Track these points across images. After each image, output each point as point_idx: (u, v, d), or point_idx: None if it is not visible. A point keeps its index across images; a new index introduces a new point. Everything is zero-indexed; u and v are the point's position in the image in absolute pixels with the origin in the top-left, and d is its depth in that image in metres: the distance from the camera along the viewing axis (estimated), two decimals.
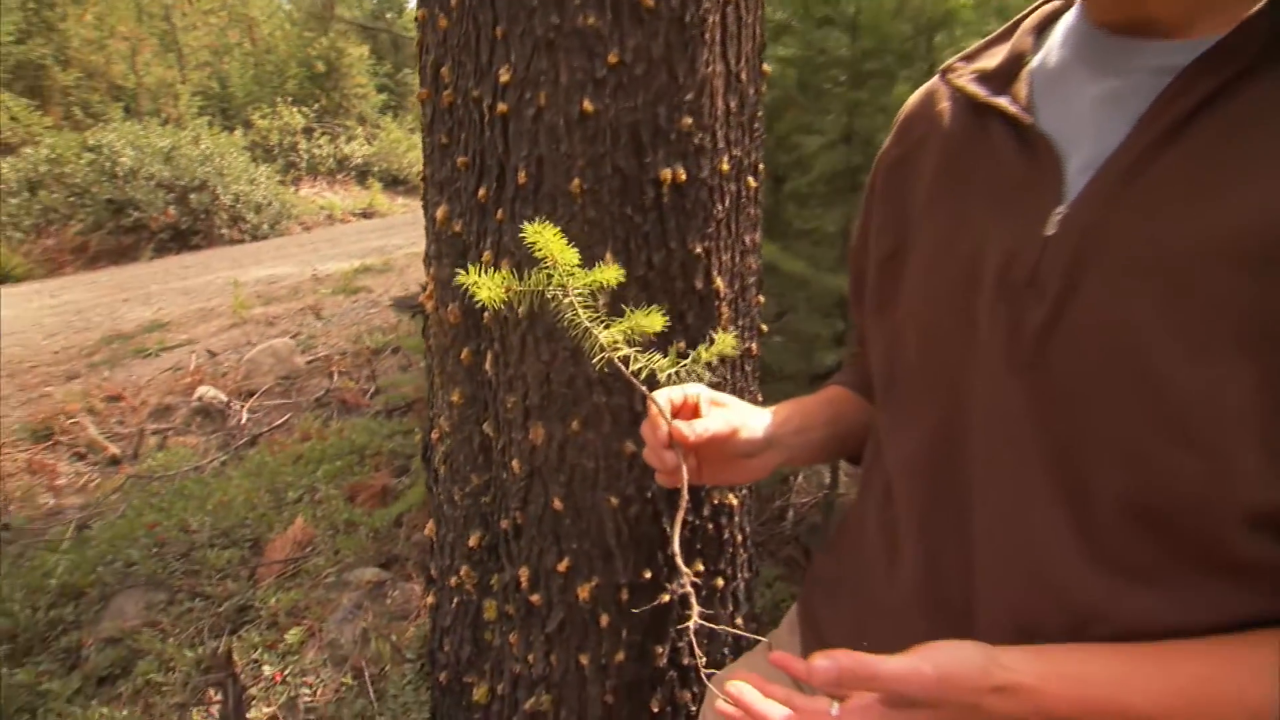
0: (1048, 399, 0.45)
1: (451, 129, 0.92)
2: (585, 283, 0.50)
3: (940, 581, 0.51)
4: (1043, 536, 0.45)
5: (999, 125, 0.51)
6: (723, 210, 0.93)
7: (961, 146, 0.54)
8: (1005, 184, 0.50)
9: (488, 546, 1.03)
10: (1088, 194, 0.45)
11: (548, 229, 0.51)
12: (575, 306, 0.49)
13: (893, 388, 0.57)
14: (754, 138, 0.99)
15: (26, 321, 4.99)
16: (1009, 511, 0.47)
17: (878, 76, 1.67)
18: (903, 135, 0.60)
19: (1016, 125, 0.50)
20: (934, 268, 0.54)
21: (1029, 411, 0.46)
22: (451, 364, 1.00)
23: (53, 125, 10.28)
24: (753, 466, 0.63)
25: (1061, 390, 0.44)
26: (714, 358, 0.57)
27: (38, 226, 8.05)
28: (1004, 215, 0.49)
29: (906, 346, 0.55)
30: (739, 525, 1.11)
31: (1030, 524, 0.46)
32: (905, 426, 0.55)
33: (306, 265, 6.04)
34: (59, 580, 1.70)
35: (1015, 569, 0.46)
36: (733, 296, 0.99)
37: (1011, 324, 0.47)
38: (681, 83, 0.85)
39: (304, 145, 11.59)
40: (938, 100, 0.58)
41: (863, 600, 0.58)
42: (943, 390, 0.52)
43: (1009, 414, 0.46)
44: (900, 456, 0.55)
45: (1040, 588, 0.45)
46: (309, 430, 2.57)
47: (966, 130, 0.54)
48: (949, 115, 0.56)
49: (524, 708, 1.03)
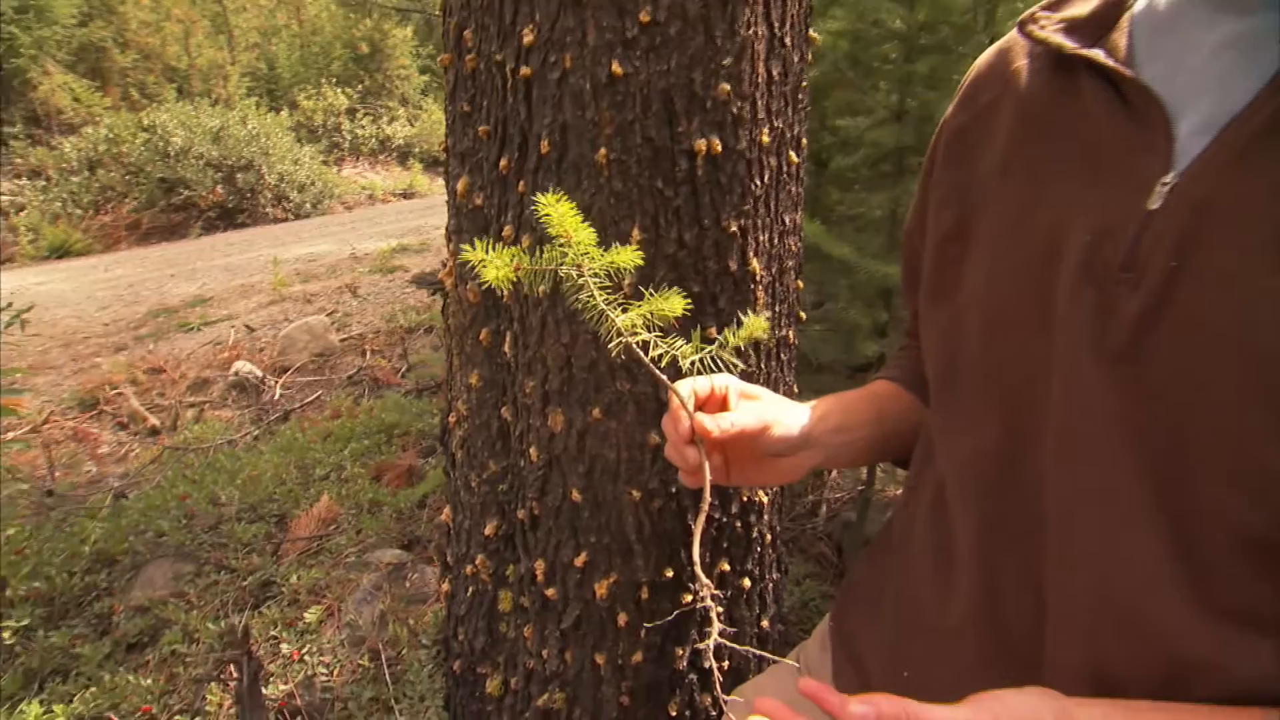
0: (1145, 400, 0.38)
1: (474, 96, 0.87)
2: (602, 263, 0.44)
3: (1000, 609, 0.44)
4: (1136, 568, 0.38)
5: (1092, 82, 0.43)
6: (761, 186, 0.86)
7: (1043, 108, 0.46)
8: (1097, 150, 0.42)
9: (504, 536, 0.99)
10: (1205, 161, 0.37)
11: (563, 203, 0.46)
12: (591, 288, 0.44)
13: (950, 384, 0.50)
14: (797, 109, 0.92)
15: (82, 294, 5.17)
16: (1093, 535, 0.39)
17: (933, 51, 1.56)
18: (970, 98, 0.52)
19: (1114, 81, 0.42)
20: (1004, 247, 0.46)
21: (1121, 415, 0.38)
22: (470, 345, 0.96)
23: (111, 106, 10.62)
24: (785, 467, 0.57)
25: (1162, 391, 0.37)
26: (743, 343, 0.50)
27: (96, 203, 8.36)
28: (1095, 185, 0.42)
29: (968, 337, 0.48)
30: (768, 523, 1.05)
31: (1120, 552, 0.38)
32: (964, 429, 0.48)
33: (346, 244, 6.13)
34: (94, 547, 1.74)
35: (1098, 605, 0.39)
36: (769, 280, 0.92)
37: (1101, 311, 0.39)
38: (720, 45, 0.78)
39: (347, 126, 11.76)
40: (1014, 57, 0.50)
41: (906, 622, 0.52)
42: (1010, 388, 0.44)
43: (1094, 417, 0.39)
44: (957, 462, 0.48)
45: (1130, 631, 0.38)
46: (340, 407, 2.59)
47: (1050, 89, 0.46)
48: (1028, 73, 0.48)
49: (537, 704, 0.99)
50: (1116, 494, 0.38)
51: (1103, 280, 0.39)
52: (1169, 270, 0.37)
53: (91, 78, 11.13)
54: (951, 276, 0.50)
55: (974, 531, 0.46)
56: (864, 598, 0.59)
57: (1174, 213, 0.37)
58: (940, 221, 0.52)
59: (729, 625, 1.01)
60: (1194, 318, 0.36)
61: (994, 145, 0.49)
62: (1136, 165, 0.40)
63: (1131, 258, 0.38)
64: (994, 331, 0.46)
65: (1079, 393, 0.40)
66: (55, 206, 8.14)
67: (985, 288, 0.47)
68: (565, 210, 0.43)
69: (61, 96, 10.22)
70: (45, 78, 10.08)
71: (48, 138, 9.58)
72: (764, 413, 0.53)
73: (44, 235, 7.74)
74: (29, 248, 7.63)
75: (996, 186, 0.48)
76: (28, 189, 8.51)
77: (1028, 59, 0.48)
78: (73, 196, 8.25)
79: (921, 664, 0.48)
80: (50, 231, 7.76)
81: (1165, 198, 0.38)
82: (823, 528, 2.11)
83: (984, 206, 0.48)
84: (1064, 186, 0.43)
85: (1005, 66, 0.50)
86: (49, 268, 6.83)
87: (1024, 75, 0.48)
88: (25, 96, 10.01)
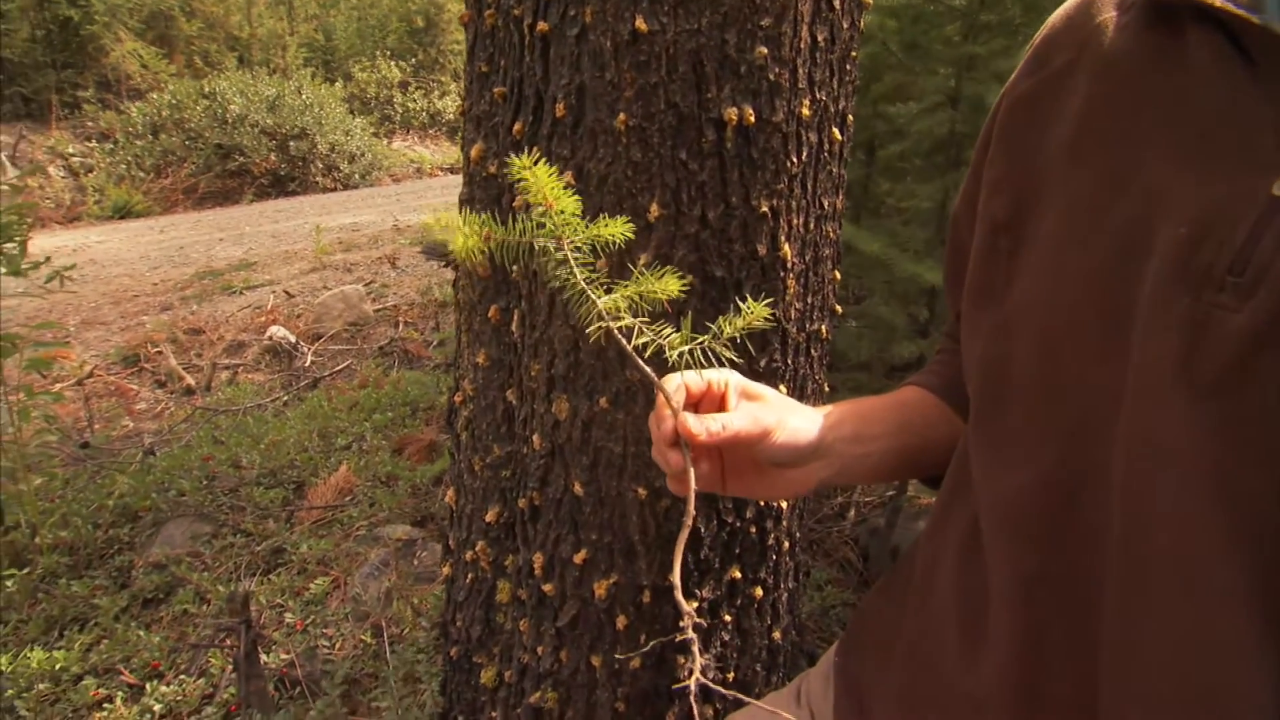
0: (1243, 445, 0.30)
1: (492, 55, 0.81)
2: (586, 236, 0.37)
3: (1044, 678, 0.37)
4: (1224, 646, 0.30)
5: (1201, 34, 0.35)
6: (798, 164, 0.78)
7: (1133, 71, 0.37)
8: (1206, 121, 0.34)
9: (505, 524, 0.95)
10: None
11: (541, 166, 0.39)
12: (572, 264, 0.37)
13: (996, 407, 0.42)
14: (844, 81, 0.83)
15: (136, 254, 5.35)
16: (1170, 602, 0.32)
17: (995, 30, 1.43)
18: (1041, 60, 0.43)
19: (1234, 31, 0.33)
20: (1072, 241, 0.38)
21: (1212, 458, 0.30)
22: (479, 322, 0.91)
23: (176, 73, 10.94)
24: (791, 479, 0.49)
25: (1267, 434, 0.29)
26: (739, 333, 0.43)
27: (157, 166, 8.65)
28: (1198, 167, 0.33)
29: (1020, 353, 0.40)
30: (786, 530, 0.98)
31: (1204, 624, 0.31)
32: (1009, 460, 0.40)
33: (390, 216, 6.19)
34: (119, 502, 1.77)
35: (1174, 685, 0.32)
36: (803, 268, 0.84)
37: (1196, 326, 0.31)
38: (758, 3, 0.70)
39: (399, 99, 11.89)
40: (1098, 9, 0.41)
41: (921, 677, 0.44)
42: (1072, 419, 0.36)
43: (1178, 459, 0.31)
44: (999, 499, 0.40)
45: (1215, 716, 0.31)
46: (368, 377, 2.59)
47: (1144, 47, 0.37)
48: (1115, 28, 0.39)
49: (529, 700, 0.95)
50: (1203, 554, 0.31)
51: (1202, 286, 0.31)
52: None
53: (159, 45, 11.48)
54: (1002, 275, 0.41)
55: (1014, 583, 0.38)
56: (875, 639, 0.51)
57: None
58: (992, 208, 0.43)
59: (737, 636, 0.94)
60: None
61: (1066, 118, 0.40)
62: (1259, 140, 0.31)
63: (1243, 259, 0.30)
64: (1054, 349, 0.38)
65: (1158, 431, 0.32)
66: (121, 169, 8.45)
67: (1046, 294, 0.38)
68: (543, 174, 0.37)
69: (131, 62, 10.56)
70: (117, 44, 10.43)
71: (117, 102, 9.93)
72: (764, 416, 0.46)
73: (109, 195, 8.05)
74: (94, 207, 7.96)
75: (1065, 168, 0.39)
76: (96, 151, 8.85)
77: (1116, 10, 0.40)
78: (137, 160, 8.55)
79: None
80: (115, 192, 8.07)
81: None
82: (850, 532, 2.02)
83: (1049, 192, 0.40)
84: (1156, 169, 0.35)
85: (1088, 21, 0.41)
86: (111, 227, 7.10)
87: (1110, 31, 0.39)
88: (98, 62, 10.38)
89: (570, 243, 0.38)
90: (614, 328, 0.39)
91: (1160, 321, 0.32)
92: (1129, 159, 0.36)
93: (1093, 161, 0.38)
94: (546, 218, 0.38)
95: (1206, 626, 0.30)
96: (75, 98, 9.67)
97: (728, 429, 0.44)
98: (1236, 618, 0.30)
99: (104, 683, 1.34)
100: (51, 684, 1.32)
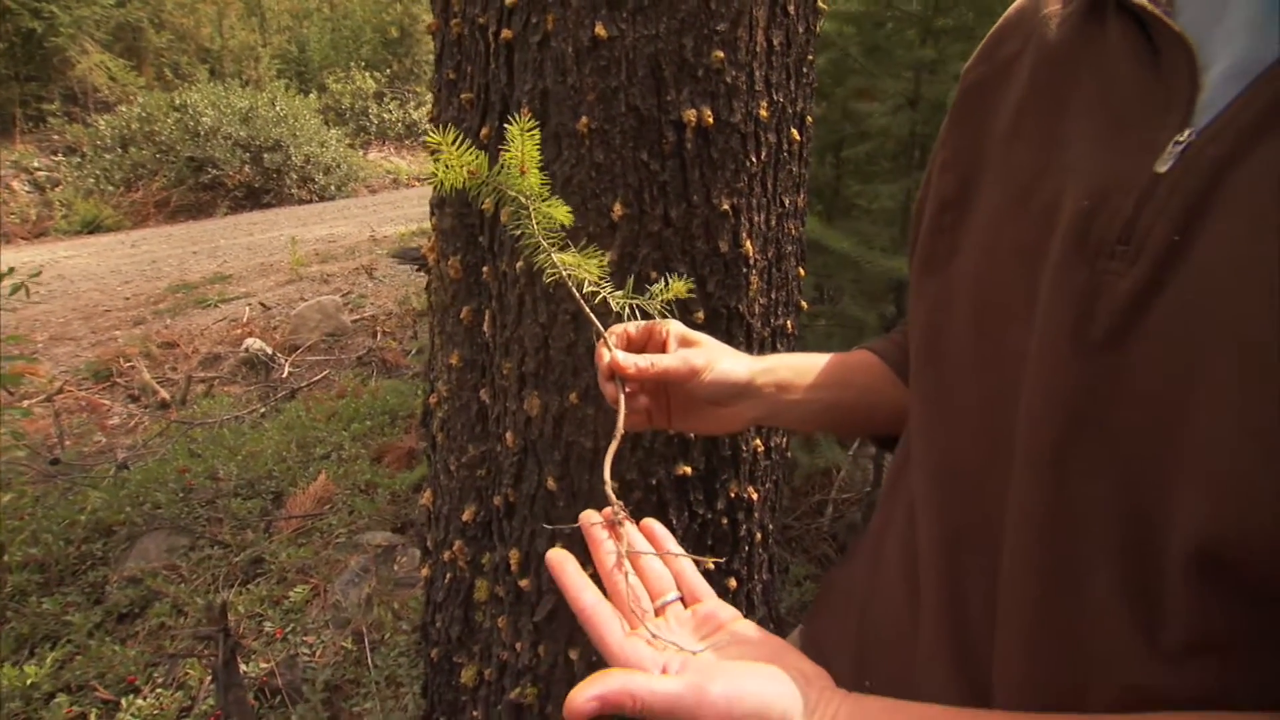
0: (1119, 397, 0.32)
1: (459, 63, 0.83)
2: (543, 210, 0.41)
3: (965, 631, 0.39)
4: (1084, 589, 0.33)
5: (1121, 26, 0.38)
6: (757, 163, 0.81)
7: (1068, 57, 0.40)
8: (1113, 105, 0.37)
9: (481, 523, 0.96)
10: (1228, 117, 0.32)
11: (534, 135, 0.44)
12: (533, 216, 0.41)
13: (931, 369, 0.44)
14: (801, 83, 0.86)
15: (107, 269, 5.27)
16: (1046, 549, 0.34)
17: (951, 35, 1.49)
18: (991, 51, 0.46)
19: (1145, 23, 0.36)
20: (1003, 216, 0.41)
21: (1090, 412, 0.33)
22: (451, 323, 0.92)
23: (146, 85, 10.80)
24: (724, 416, 0.54)
25: (1140, 386, 0.32)
26: (661, 302, 0.50)
27: (128, 180, 8.51)
28: (1106, 146, 0.36)
29: (954, 318, 0.43)
30: (759, 522, 1.00)
31: (1070, 570, 0.33)
32: (940, 428, 0.43)
33: (366, 227, 6.16)
34: (92, 517, 1.75)
35: (1046, 633, 0.34)
36: (765, 264, 0.87)
37: (1088, 291, 0.34)
38: (714, 9, 0.73)
39: (374, 110, 11.84)
40: (1045, 3, 0.44)
41: (875, 629, 0.47)
42: (992, 383, 0.39)
43: (1064, 417, 0.34)
44: (931, 458, 0.43)
45: (1078, 656, 0.33)
46: (346, 387, 2.58)
47: (1078, 36, 0.40)
48: (1057, 21, 0.42)
49: (509, 697, 0.96)
50: (1076, 501, 0.33)
51: (1096, 255, 0.34)
52: (1170, 245, 0.31)
53: (128, 57, 11.32)
54: (945, 246, 0.44)
55: (940, 546, 0.41)
56: (837, 602, 0.54)
57: (1184, 176, 0.32)
58: (942, 186, 0.46)
59: None
60: (1190, 304, 0.30)
61: (1009, 103, 0.43)
62: (1152, 122, 0.34)
63: (1129, 229, 0.33)
64: (983, 318, 0.40)
65: (1051, 388, 0.35)
66: (89, 182, 8.31)
67: (979, 266, 0.41)
68: (530, 144, 0.41)
69: (98, 75, 10.41)
70: (83, 56, 10.28)
71: (84, 115, 9.78)
72: (694, 358, 0.50)
73: (77, 210, 7.90)
74: (62, 222, 7.80)
75: (1004, 149, 0.42)
76: (63, 165, 8.70)
77: (1061, 3, 0.43)
78: (105, 173, 8.41)
79: (886, 678, 0.43)
80: (83, 206, 7.92)
81: (1177, 158, 0.32)
82: (828, 528, 2.05)
83: (989, 171, 0.43)
84: (1076, 149, 0.38)
85: (1035, 13, 0.44)
86: (80, 242, 6.97)
87: (1052, 23, 0.42)
88: (64, 74, 10.21)
89: (534, 208, 0.42)
90: (566, 279, 0.43)
91: (1060, 288, 0.35)
92: (1056, 140, 0.39)
93: (1027, 143, 0.41)
94: (515, 180, 0.42)
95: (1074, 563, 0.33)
96: (40, 111, 9.50)
97: (655, 366, 0.49)
98: (1100, 547, 0.33)
99: (78, 699, 1.32)
100: (22, 703, 1.30)
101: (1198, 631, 0.30)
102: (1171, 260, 0.31)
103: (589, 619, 0.35)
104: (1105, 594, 0.32)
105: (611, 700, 0.30)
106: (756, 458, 0.95)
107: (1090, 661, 0.33)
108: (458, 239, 0.88)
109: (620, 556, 0.39)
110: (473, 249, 0.87)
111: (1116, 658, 0.32)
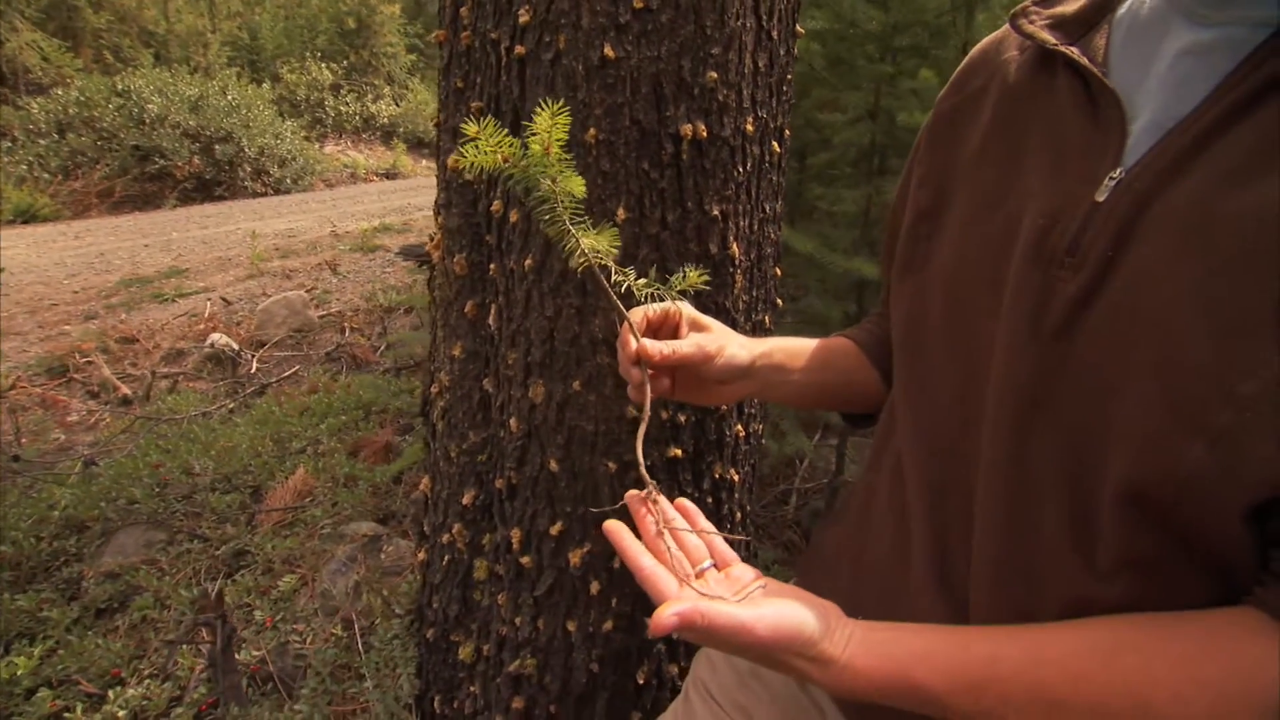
0: (1066, 376, 0.41)
1: (468, 73, 0.89)
2: (564, 188, 0.47)
3: (948, 564, 0.48)
4: (1038, 525, 0.42)
5: (1067, 77, 0.47)
6: (744, 173, 0.89)
7: (1022, 99, 0.50)
8: (1062, 143, 0.46)
9: (481, 506, 1.02)
10: (1148, 160, 0.41)
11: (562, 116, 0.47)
12: (562, 204, 0.47)
13: (915, 349, 0.54)
14: (782, 100, 0.95)
15: (50, 261, 5.04)
16: (1009, 495, 0.44)
17: (908, 52, 1.60)
18: (961, 84, 0.56)
19: (1085, 78, 0.45)
20: (972, 227, 0.50)
21: (1044, 388, 0.42)
22: (455, 317, 0.98)
23: (83, 68, 10.29)
24: (725, 392, 0.62)
25: (1083, 368, 0.41)
26: (688, 288, 0.57)
27: (65, 168, 8.10)
28: (1055, 176, 0.45)
29: (932, 306, 0.52)
30: (738, 502, 1.09)
31: (1027, 510, 0.43)
32: (922, 400, 0.52)
33: (326, 221, 6.04)
34: (63, 513, 1.72)
35: (1010, 560, 0.44)
36: (749, 265, 0.95)
37: (1043, 292, 0.43)
38: (709, 34, 0.80)
39: (331, 102, 11.55)
40: (1005, 48, 0.53)
41: (865, 575, 0.56)
42: (965, 362, 0.48)
43: (1022, 392, 0.43)
44: (915, 431, 0.52)
45: (1033, 577, 0.43)
46: (317, 383, 2.58)
47: (1032, 82, 0.50)
48: (1015, 65, 0.52)
49: (508, 670, 1.02)
50: (1031, 458, 0.43)
51: (1049, 264, 0.43)
52: (1106, 259, 0.41)
53: (62, 37, 10.75)
54: (922, 252, 0.53)
55: (926, 499, 0.50)
56: (826, 557, 0.63)
57: (1116, 206, 0.41)
58: (918, 198, 0.55)
59: None
60: (1120, 305, 0.40)
61: (977, 131, 0.52)
62: (1091, 160, 0.43)
63: (1075, 245, 0.42)
64: (957, 305, 0.49)
65: (1014, 369, 0.44)
66: (21, 169, 7.87)
67: (953, 263, 0.50)
68: (559, 126, 0.45)
69: (30, 54, 9.86)
70: (12, 34, 9.72)
71: (14, 97, 9.25)
72: (706, 343, 0.58)
73: (9, 198, 7.49)
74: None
75: (972, 170, 0.51)
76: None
77: (1018, 50, 0.52)
78: (40, 160, 7.98)
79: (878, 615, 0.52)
80: (15, 195, 7.51)
81: (1111, 191, 0.41)
82: (793, 515, 2.16)
83: (960, 188, 0.52)
84: (1030, 176, 0.47)
85: (996, 55, 0.54)
86: (14, 233, 6.62)
87: (1012, 66, 0.51)
88: None
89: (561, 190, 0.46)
90: (595, 264, 0.48)
91: (1021, 288, 0.44)
92: (1014, 168, 0.48)
93: (990, 167, 0.50)
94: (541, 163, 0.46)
95: (1030, 506, 0.43)
96: None
97: (676, 353, 0.56)
98: (1049, 494, 0.42)
99: (60, 694, 1.32)
100: (3, 698, 1.30)
101: (1124, 553, 0.39)
102: (1107, 271, 0.41)
103: (648, 577, 0.43)
104: (1054, 528, 0.42)
105: (686, 617, 0.38)
106: (738, 442, 1.04)
107: (1043, 580, 0.43)
108: (463, 237, 0.93)
109: (660, 528, 0.47)
110: (478, 246, 0.93)
111: (1063, 576, 0.42)
